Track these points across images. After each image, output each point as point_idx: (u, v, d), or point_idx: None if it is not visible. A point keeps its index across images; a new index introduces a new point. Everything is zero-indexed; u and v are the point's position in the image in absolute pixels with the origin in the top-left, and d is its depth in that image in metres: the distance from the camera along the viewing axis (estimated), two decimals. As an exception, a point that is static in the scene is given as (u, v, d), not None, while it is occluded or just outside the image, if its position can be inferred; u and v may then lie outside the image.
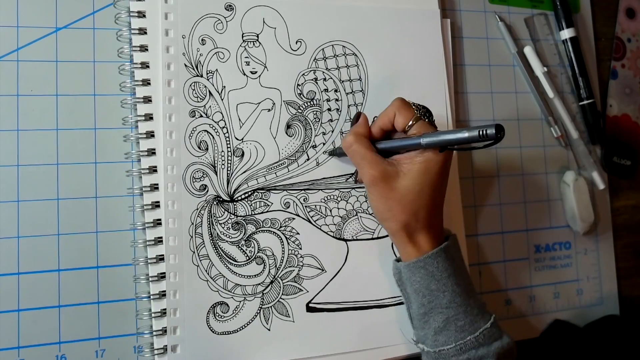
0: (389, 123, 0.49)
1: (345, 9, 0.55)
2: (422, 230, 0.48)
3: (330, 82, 0.54)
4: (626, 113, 0.69)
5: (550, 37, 0.66)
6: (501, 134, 0.39)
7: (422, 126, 0.47)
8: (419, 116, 0.47)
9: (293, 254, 0.52)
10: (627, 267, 0.67)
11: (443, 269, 0.47)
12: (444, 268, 0.47)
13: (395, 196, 0.47)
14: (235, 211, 0.51)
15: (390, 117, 0.48)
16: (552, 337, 0.61)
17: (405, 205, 0.47)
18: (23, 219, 0.48)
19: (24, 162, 0.48)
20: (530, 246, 0.63)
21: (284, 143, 0.52)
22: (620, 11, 0.70)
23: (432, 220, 0.48)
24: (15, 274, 0.47)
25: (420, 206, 0.47)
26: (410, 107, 0.48)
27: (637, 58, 0.70)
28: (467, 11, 0.63)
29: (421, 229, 0.48)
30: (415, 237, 0.48)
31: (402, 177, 0.47)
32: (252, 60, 0.52)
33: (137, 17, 0.49)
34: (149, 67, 0.49)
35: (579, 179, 0.63)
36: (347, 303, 0.52)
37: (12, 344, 0.46)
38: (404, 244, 0.48)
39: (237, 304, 0.50)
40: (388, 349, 0.53)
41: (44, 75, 0.49)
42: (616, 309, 0.65)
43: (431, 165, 0.46)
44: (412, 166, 0.47)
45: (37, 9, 0.49)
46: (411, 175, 0.46)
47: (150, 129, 0.49)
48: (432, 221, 0.48)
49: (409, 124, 0.47)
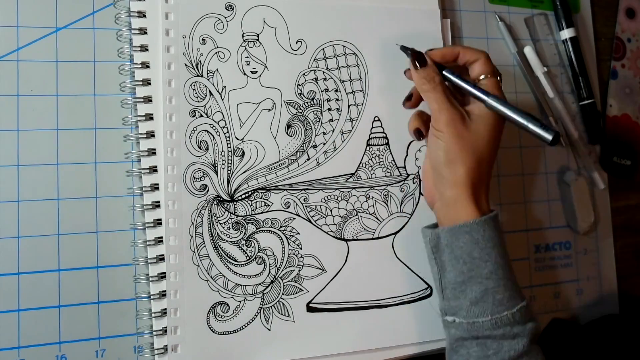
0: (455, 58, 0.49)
1: (345, 8, 0.55)
2: (484, 186, 0.48)
3: (331, 82, 0.54)
4: (626, 113, 0.69)
5: (550, 37, 0.66)
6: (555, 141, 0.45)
7: (495, 84, 0.48)
8: (498, 72, 0.48)
9: (293, 253, 0.52)
10: (627, 267, 0.67)
11: (489, 238, 0.46)
12: (489, 237, 0.46)
13: (470, 137, 0.47)
14: (235, 211, 0.51)
15: (467, 58, 0.49)
16: (552, 336, 0.61)
17: (476, 150, 0.47)
18: (23, 219, 0.48)
19: (24, 162, 0.48)
20: (530, 246, 0.63)
21: (285, 143, 0.52)
22: (620, 11, 0.70)
23: (488, 181, 0.49)
24: (15, 274, 0.47)
25: (486, 158, 0.47)
26: (493, 64, 0.49)
27: (637, 58, 0.70)
28: (467, 11, 0.63)
29: (483, 185, 0.48)
30: (478, 196, 0.47)
31: (475, 121, 0.47)
32: (253, 60, 0.52)
33: (137, 17, 0.49)
34: (149, 67, 0.49)
35: (579, 179, 0.63)
36: (347, 303, 0.52)
37: (12, 344, 0.46)
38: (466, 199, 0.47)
39: (237, 304, 0.49)
40: (388, 349, 0.53)
41: (44, 75, 0.49)
42: (616, 308, 0.65)
43: (499, 119, 0.47)
44: (482, 114, 0.47)
45: (37, 9, 0.49)
46: (482, 122, 0.47)
47: (150, 129, 0.49)
48: (488, 181, 0.48)
49: (484, 76, 0.48)
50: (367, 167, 0.54)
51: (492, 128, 0.47)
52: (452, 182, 0.47)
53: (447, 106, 0.47)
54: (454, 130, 0.47)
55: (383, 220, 0.54)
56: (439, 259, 0.48)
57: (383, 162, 0.55)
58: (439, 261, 0.48)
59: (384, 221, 0.54)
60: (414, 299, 0.54)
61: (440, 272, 0.48)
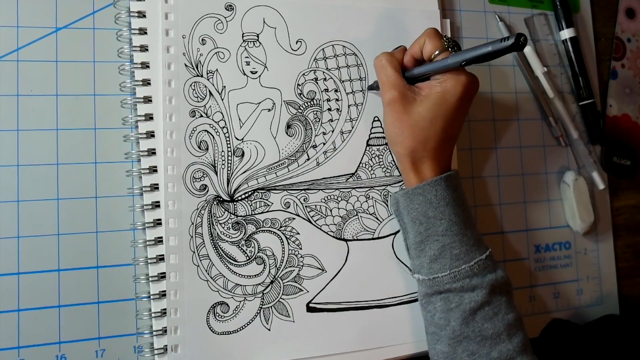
0: (419, 51, 0.50)
1: (345, 9, 0.55)
2: (428, 159, 0.49)
3: (331, 82, 0.54)
4: (626, 113, 0.69)
5: (550, 37, 0.66)
6: (517, 43, 0.40)
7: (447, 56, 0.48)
8: (447, 47, 0.48)
9: (293, 254, 0.52)
10: (627, 267, 0.67)
11: (441, 197, 0.48)
12: (442, 196, 0.48)
13: (408, 121, 0.48)
14: (235, 211, 0.51)
15: (420, 45, 0.50)
16: (552, 336, 0.61)
17: (415, 132, 0.48)
18: (23, 219, 0.48)
19: (24, 162, 0.48)
20: (530, 246, 0.63)
21: (284, 143, 0.52)
22: (620, 11, 0.70)
23: (440, 152, 0.49)
24: (15, 274, 0.47)
25: (429, 135, 0.48)
26: (440, 37, 0.49)
27: (637, 58, 0.70)
28: (467, 11, 0.63)
29: (427, 158, 0.49)
30: (420, 166, 0.49)
31: (419, 103, 0.48)
32: (253, 60, 0.52)
33: (137, 17, 0.49)
34: (149, 67, 0.49)
35: (579, 179, 0.63)
36: (347, 303, 0.52)
37: (12, 344, 0.46)
38: (408, 171, 0.49)
39: (237, 304, 0.50)
40: (388, 349, 0.53)
41: (44, 75, 0.49)
42: (616, 308, 0.65)
43: (448, 96, 0.47)
44: (429, 94, 0.48)
45: (37, 9, 0.49)
46: (427, 103, 0.48)
47: (150, 129, 0.49)
48: (440, 153, 0.49)
49: (436, 52, 0.48)
50: (367, 167, 0.54)
51: (436, 106, 0.48)
52: (396, 156, 0.52)
53: (388, 87, 0.49)
54: (392, 113, 0.49)
55: (383, 221, 0.54)
56: (401, 222, 0.51)
57: (383, 162, 0.55)
58: (402, 223, 0.51)
59: (383, 221, 0.54)
60: (413, 299, 0.54)
61: (404, 234, 0.51)
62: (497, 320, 0.47)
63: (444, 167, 0.50)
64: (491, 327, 0.46)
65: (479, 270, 0.47)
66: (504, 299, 0.48)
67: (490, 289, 0.47)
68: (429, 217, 0.48)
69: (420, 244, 0.49)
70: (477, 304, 0.46)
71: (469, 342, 0.46)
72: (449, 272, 0.47)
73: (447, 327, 0.47)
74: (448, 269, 0.47)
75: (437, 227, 0.48)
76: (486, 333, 0.46)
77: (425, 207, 0.48)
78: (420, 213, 0.48)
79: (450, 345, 0.47)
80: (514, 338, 0.47)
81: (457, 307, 0.47)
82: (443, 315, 0.47)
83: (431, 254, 0.48)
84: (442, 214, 0.48)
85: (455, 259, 0.47)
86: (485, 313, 0.47)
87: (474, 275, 0.47)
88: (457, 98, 0.48)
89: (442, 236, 0.48)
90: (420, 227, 0.48)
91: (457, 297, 0.47)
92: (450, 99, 0.48)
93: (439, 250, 0.48)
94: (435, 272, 0.48)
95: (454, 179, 0.49)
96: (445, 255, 0.47)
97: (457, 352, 0.47)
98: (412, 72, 0.50)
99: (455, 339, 0.47)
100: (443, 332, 0.47)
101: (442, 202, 0.48)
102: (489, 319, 0.46)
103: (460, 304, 0.47)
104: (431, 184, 0.48)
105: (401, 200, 0.50)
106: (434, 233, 0.48)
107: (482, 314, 0.46)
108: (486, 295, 0.47)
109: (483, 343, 0.46)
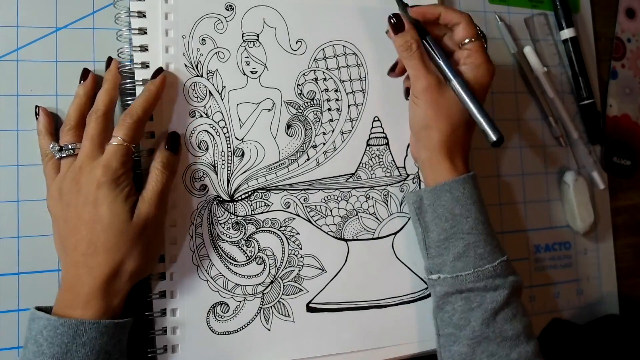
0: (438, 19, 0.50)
1: (345, 9, 0.55)
2: (459, 150, 0.49)
3: (331, 82, 0.54)
4: (626, 113, 0.69)
5: (550, 37, 0.66)
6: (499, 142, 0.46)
7: (479, 47, 0.49)
8: (481, 35, 0.49)
9: (293, 254, 0.52)
10: (627, 267, 0.67)
11: (469, 195, 0.48)
12: (469, 194, 0.48)
13: (445, 104, 0.48)
14: (235, 211, 0.51)
15: (449, 19, 0.49)
16: (552, 336, 0.61)
17: (451, 115, 0.48)
18: (23, 219, 0.48)
19: (24, 162, 0.48)
20: (530, 246, 0.63)
21: (284, 143, 0.52)
22: (620, 11, 0.70)
23: (467, 144, 0.50)
24: (15, 274, 0.47)
25: (462, 122, 0.48)
26: (475, 25, 0.49)
27: (637, 58, 0.70)
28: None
29: (459, 149, 0.49)
30: (453, 156, 0.49)
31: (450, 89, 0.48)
32: (253, 60, 0.52)
33: (137, 17, 0.49)
34: (149, 67, 0.49)
35: (579, 179, 0.63)
36: (347, 303, 0.52)
37: (12, 344, 0.46)
38: (439, 162, 0.49)
39: (237, 304, 0.49)
40: (388, 349, 0.53)
41: (44, 75, 0.49)
42: (616, 308, 0.65)
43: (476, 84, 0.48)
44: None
45: (37, 9, 0.49)
46: None
47: (150, 129, 0.49)
48: (467, 144, 0.50)
49: (467, 40, 0.49)
50: (367, 167, 0.54)
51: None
52: (428, 145, 0.49)
53: (424, 73, 0.48)
54: (430, 97, 0.48)
55: (383, 221, 0.54)
56: (422, 220, 0.50)
57: (383, 162, 0.55)
58: (422, 222, 0.50)
59: (384, 221, 0.54)
60: (413, 299, 0.54)
61: (424, 232, 0.50)
62: (517, 322, 0.46)
63: (467, 162, 0.50)
64: (511, 328, 0.46)
65: (502, 271, 0.47)
66: (521, 301, 0.48)
67: (511, 290, 0.47)
68: (455, 215, 0.48)
69: (445, 241, 0.48)
70: (499, 304, 0.46)
71: (489, 343, 0.46)
72: (473, 271, 0.47)
73: (467, 328, 0.47)
74: (472, 267, 0.47)
75: (463, 225, 0.47)
76: (506, 334, 0.46)
77: (452, 204, 0.48)
78: (446, 210, 0.48)
79: (470, 346, 0.46)
80: (531, 341, 0.47)
81: (478, 307, 0.46)
82: (463, 315, 0.47)
83: (455, 252, 0.48)
84: (469, 212, 0.48)
85: (480, 258, 0.47)
86: (505, 314, 0.46)
87: (497, 276, 0.47)
88: (485, 87, 0.49)
89: (467, 234, 0.47)
90: (446, 224, 0.48)
91: (479, 297, 0.47)
92: (478, 88, 0.48)
93: (464, 248, 0.47)
94: (458, 270, 0.47)
95: (477, 178, 0.50)
96: (469, 254, 0.47)
97: (477, 353, 0.46)
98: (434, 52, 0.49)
99: (475, 340, 0.46)
100: (462, 333, 0.47)
101: (469, 200, 0.48)
102: (509, 320, 0.46)
103: (482, 304, 0.46)
104: (459, 181, 0.48)
105: (426, 197, 0.49)
106: (460, 231, 0.48)
107: (502, 315, 0.46)
108: (507, 297, 0.46)
109: (503, 344, 0.46)
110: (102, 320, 0.41)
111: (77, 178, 0.43)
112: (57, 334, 0.40)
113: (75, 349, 0.40)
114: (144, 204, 0.44)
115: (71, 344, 0.40)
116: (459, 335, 0.47)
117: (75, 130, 0.45)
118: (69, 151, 0.45)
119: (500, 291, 0.47)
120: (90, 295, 0.41)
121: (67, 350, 0.39)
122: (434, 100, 0.48)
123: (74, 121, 0.46)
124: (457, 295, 0.47)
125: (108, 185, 0.42)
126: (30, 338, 0.41)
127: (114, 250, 0.42)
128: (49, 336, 0.40)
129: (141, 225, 0.43)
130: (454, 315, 0.47)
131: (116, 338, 0.42)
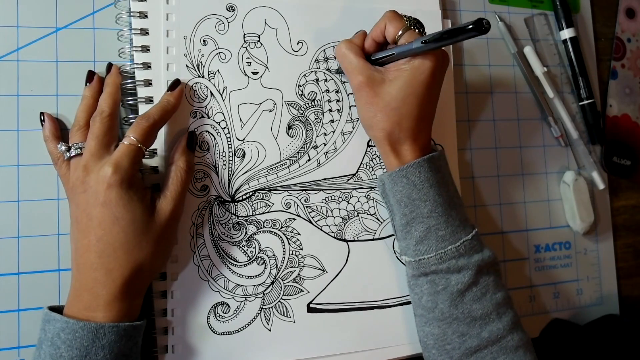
0: (381, 34, 0.50)
1: (346, 9, 0.55)
2: (407, 140, 0.48)
3: (332, 83, 0.54)
4: (626, 113, 0.69)
5: (550, 37, 0.66)
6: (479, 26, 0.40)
7: (412, 35, 0.47)
8: (409, 26, 0.48)
9: (294, 254, 0.52)
10: (627, 267, 0.67)
11: (425, 179, 0.47)
12: (425, 178, 0.47)
13: (380, 102, 0.48)
14: (236, 211, 0.50)
15: (381, 29, 0.49)
16: (552, 336, 0.61)
17: (389, 113, 0.48)
18: (23, 219, 0.47)
19: (24, 162, 0.48)
20: (530, 246, 0.63)
21: (285, 143, 0.52)
22: (620, 11, 0.70)
23: (418, 132, 0.49)
24: (15, 274, 0.47)
25: (404, 115, 0.48)
26: (401, 17, 0.49)
27: (637, 58, 0.70)
28: (467, 11, 0.63)
29: (405, 139, 0.48)
30: (399, 147, 0.49)
31: (388, 84, 0.48)
32: (254, 61, 0.52)
33: (138, 17, 0.49)
34: (150, 67, 0.49)
35: (579, 179, 0.63)
36: (347, 304, 0.52)
37: (12, 344, 0.46)
38: (387, 154, 0.49)
39: (238, 305, 0.50)
40: (388, 349, 0.53)
41: (44, 75, 0.49)
42: (616, 308, 0.65)
43: (417, 74, 0.47)
44: (398, 74, 0.47)
45: (37, 9, 0.49)
46: (397, 83, 0.47)
47: (151, 130, 0.49)
48: (417, 133, 0.49)
49: (399, 33, 0.48)
50: (368, 168, 0.54)
51: (406, 85, 0.47)
52: (375, 141, 0.50)
53: (353, 75, 0.49)
54: (363, 98, 0.49)
55: (384, 221, 0.54)
56: (388, 203, 0.51)
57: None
58: (389, 205, 0.51)
59: (384, 222, 0.54)
60: (414, 300, 0.54)
61: (391, 215, 0.51)
62: (486, 301, 0.47)
63: (424, 148, 0.49)
64: (480, 307, 0.46)
65: (465, 250, 0.47)
66: (492, 278, 0.48)
67: (477, 269, 0.47)
68: (414, 199, 0.48)
69: (406, 225, 0.48)
70: (464, 285, 0.46)
71: (459, 324, 0.46)
72: (435, 254, 0.47)
73: (435, 310, 0.47)
74: (434, 250, 0.47)
75: (422, 209, 0.47)
76: (475, 314, 0.46)
77: (409, 189, 0.48)
78: (404, 195, 0.48)
79: (440, 327, 0.47)
80: (504, 317, 0.47)
81: (444, 290, 0.47)
82: (430, 297, 0.47)
83: (417, 236, 0.48)
84: (427, 195, 0.47)
85: (441, 240, 0.47)
86: (473, 294, 0.47)
87: (460, 256, 0.47)
88: (427, 74, 0.47)
89: (427, 218, 0.47)
90: (405, 209, 0.48)
91: (443, 280, 0.47)
92: (419, 76, 0.47)
93: (425, 231, 0.47)
94: (421, 253, 0.48)
95: (437, 160, 0.49)
96: (430, 237, 0.47)
97: (447, 333, 0.47)
98: (376, 55, 0.50)
99: (444, 321, 0.47)
100: (431, 315, 0.47)
101: (426, 184, 0.47)
102: (477, 299, 0.47)
103: (447, 286, 0.47)
104: (414, 165, 0.48)
105: (386, 182, 0.49)
106: (419, 215, 0.48)
107: (470, 295, 0.47)
108: (473, 276, 0.47)
109: (473, 324, 0.46)
110: (120, 324, 0.41)
111: (83, 177, 0.43)
112: (76, 337, 0.40)
113: (94, 352, 0.40)
114: (167, 203, 0.45)
115: (90, 347, 0.40)
116: (429, 317, 0.48)
117: (85, 129, 0.46)
118: (78, 150, 0.45)
119: (465, 272, 0.47)
120: (111, 296, 0.41)
121: (86, 354, 0.40)
122: (369, 100, 0.48)
123: (83, 121, 0.46)
124: (423, 277, 0.48)
125: (120, 186, 0.42)
126: (45, 340, 0.41)
127: (135, 250, 0.42)
128: (67, 339, 0.40)
129: (164, 224, 0.44)
130: (422, 298, 0.48)
131: (133, 340, 0.42)
